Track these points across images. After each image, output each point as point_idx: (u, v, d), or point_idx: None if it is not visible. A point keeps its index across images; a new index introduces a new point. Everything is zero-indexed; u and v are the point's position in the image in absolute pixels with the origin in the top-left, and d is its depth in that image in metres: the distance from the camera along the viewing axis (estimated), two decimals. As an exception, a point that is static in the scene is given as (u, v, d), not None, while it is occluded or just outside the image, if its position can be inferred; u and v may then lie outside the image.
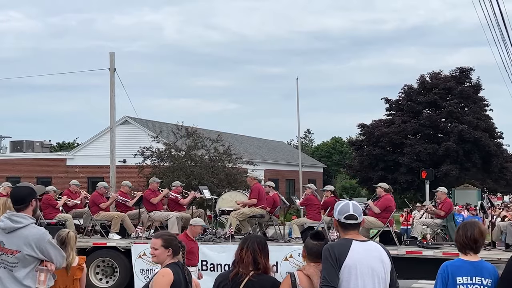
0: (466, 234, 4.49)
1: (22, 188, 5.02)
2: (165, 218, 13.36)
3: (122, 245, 12.73)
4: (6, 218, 4.78)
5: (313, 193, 13.19)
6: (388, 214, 11.99)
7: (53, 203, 13.43)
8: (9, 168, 38.28)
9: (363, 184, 38.80)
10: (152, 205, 13.50)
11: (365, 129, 36.87)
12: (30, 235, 4.71)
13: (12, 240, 4.69)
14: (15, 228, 4.70)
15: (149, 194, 13.65)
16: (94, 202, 13.55)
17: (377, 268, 3.98)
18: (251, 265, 4.37)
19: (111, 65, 22.56)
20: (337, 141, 69.14)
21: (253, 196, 12.91)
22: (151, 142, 26.62)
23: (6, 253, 4.70)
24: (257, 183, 13.39)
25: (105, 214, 13.45)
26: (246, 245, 4.47)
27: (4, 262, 4.71)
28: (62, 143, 59.12)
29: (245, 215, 12.88)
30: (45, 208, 13.31)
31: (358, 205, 4.11)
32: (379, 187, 12.41)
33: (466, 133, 33.06)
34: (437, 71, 36.83)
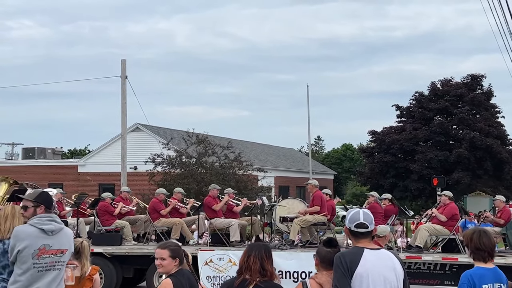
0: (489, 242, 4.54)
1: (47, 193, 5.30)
2: (227, 225, 13.20)
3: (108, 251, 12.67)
4: (49, 220, 4.88)
5: (376, 201, 13.26)
6: (454, 222, 12.18)
7: (110, 210, 13.44)
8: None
9: (373, 191, 38.63)
10: (213, 212, 13.30)
11: (376, 136, 36.75)
12: (71, 234, 5.09)
13: (60, 240, 4.88)
14: (61, 228, 4.93)
15: (211, 201, 13.43)
16: (154, 208, 13.42)
17: (390, 276, 3.96)
18: (258, 273, 4.39)
19: (122, 73, 22.71)
20: (348, 148, 69.00)
21: (315, 204, 12.82)
22: (162, 149, 26.71)
23: (55, 254, 4.82)
24: (318, 191, 13.26)
25: (166, 221, 13.34)
26: (253, 253, 4.48)
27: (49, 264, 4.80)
28: (73, 150, 59.47)
29: (308, 222, 12.81)
30: (102, 215, 13.35)
31: (369, 214, 4.10)
32: (444, 195, 12.54)
33: (478, 140, 32.87)
34: (448, 78, 36.70)
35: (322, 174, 48.67)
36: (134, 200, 14.63)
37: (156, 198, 13.69)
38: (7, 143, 52.42)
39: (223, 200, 13.54)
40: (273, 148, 49.78)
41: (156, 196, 13.80)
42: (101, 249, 12.63)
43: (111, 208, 13.51)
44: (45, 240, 4.78)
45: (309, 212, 12.89)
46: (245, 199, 14.58)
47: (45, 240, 4.79)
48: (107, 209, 13.47)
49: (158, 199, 13.64)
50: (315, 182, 13.41)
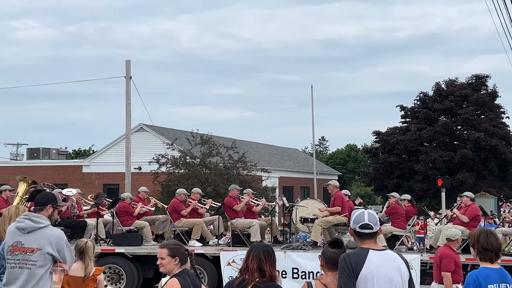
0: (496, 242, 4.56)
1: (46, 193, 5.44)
2: (248, 226, 13.19)
3: (130, 251, 12.69)
4: (25, 219, 5.00)
5: (398, 201, 13.23)
6: (477, 223, 12.21)
7: (130, 210, 13.44)
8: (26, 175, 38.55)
9: (378, 191, 38.59)
10: (234, 212, 13.26)
11: (380, 137, 36.71)
12: (52, 234, 5.00)
13: (32, 239, 4.92)
14: (36, 227, 4.93)
15: (231, 201, 13.39)
16: (175, 209, 13.39)
17: (395, 277, 3.95)
18: (256, 273, 4.39)
19: (127, 73, 22.74)
20: (352, 149, 68.92)
21: (337, 204, 12.84)
22: (166, 150, 26.74)
23: (25, 251, 4.90)
24: (339, 191, 13.29)
25: (187, 221, 13.31)
26: (252, 253, 4.50)
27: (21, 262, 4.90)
28: (78, 150, 59.55)
29: (329, 223, 12.81)
30: (122, 215, 13.36)
31: (374, 214, 4.09)
32: (465, 196, 12.55)
33: (482, 140, 32.79)
34: (453, 79, 36.65)
35: (326, 174, 48.61)
36: (152, 200, 14.59)
37: (177, 198, 13.63)
38: (11, 144, 52.55)
39: (244, 200, 13.48)
40: (277, 148, 49.76)
41: (177, 196, 13.73)
42: (122, 249, 12.67)
43: (130, 208, 13.48)
44: (18, 237, 4.93)
45: (330, 212, 12.90)
46: (264, 200, 14.56)
47: (19, 237, 4.93)
48: (126, 209, 13.44)
49: (179, 199, 13.58)
50: (335, 183, 13.42)
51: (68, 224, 13.30)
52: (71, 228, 13.29)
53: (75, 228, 13.26)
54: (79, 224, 13.32)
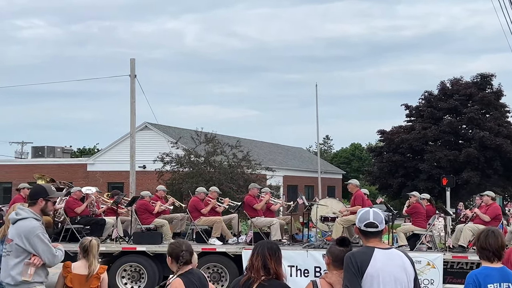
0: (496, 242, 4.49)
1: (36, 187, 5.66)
2: (268, 224, 13.14)
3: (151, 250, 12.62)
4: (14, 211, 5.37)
5: (418, 200, 13.24)
6: (497, 222, 12.19)
7: (149, 209, 13.39)
8: (31, 173, 38.58)
9: (382, 190, 38.54)
10: (254, 211, 13.24)
11: (385, 136, 36.64)
12: (22, 227, 5.18)
13: (11, 230, 5.22)
14: (16, 219, 5.21)
15: (252, 200, 13.35)
16: (195, 207, 13.35)
17: (400, 276, 3.93)
18: (261, 270, 4.37)
19: (131, 72, 22.76)
20: (357, 148, 68.84)
21: (357, 203, 12.84)
22: (170, 148, 26.76)
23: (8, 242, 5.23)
24: (359, 190, 13.31)
25: (207, 219, 13.27)
26: (256, 251, 4.48)
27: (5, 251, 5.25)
28: (82, 149, 59.67)
29: (350, 222, 12.75)
30: (142, 214, 13.31)
31: (379, 213, 4.07)
32: (487, 196, 12.57)
33: (487, 139, 32.70)
34: (458, 77, 36.54)
35: (330, 173, 48.58)
36: (170, 199, 14.54)
37: (196, 197, 13.59)
38: (16, 142, 52.73)
39: (264, 199, 13.45)
40: (282, 147, 49.74)
41: (196, 194, 13.69)
42: (144, 247, 12.61)
43: (150, 206, 13.43)
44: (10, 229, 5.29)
45: (350, 211, 12.88)
46: (282, 198, 14.53)
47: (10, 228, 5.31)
48: (146, 207, 13.38)
49: (199, 198, 13.54)
50: (356, 182, 13.45)
51: (87, 222, 13.26)
52: (90, 226, 13.26)
53: (94, 226, 13.21)
54: (98, 222, 13.27)
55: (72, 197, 13.35)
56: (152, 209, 13.41)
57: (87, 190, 13.68)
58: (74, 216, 13.09)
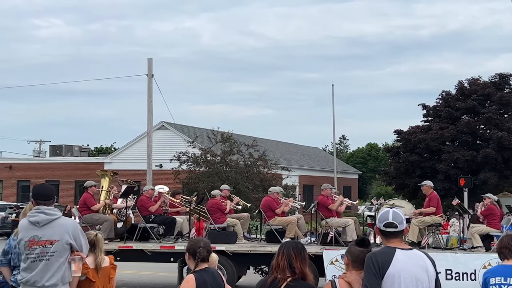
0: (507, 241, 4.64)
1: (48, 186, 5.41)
2: (343, 225, 12.94)
3: (230, 249, 12.46)
4: (38, 212, 5.05)
5: (493, 202, 13.12)
6: None
7: (222, 208, 13.31)
8: (49, 172, 39.10)
9: (399, 191, 38.35)
10: (328, 211, 13.09)
11: (402, 135, 36.44)
12: (68, 224, 5.08)
13: (49, 231, 4.97)
14: (50, 219, 5.00)
15: (326, 200, 13.19)
16: (269, 207, 13.16)
17: (422, 277, 3.91)
18: (287, 270, 4.33)
19: (148, 71, 22.87)
20: (373, 148, 68.60)
21: (432, 204, 12.82)
22: (187, 147, 26.87)
23: (43, 244, 4.96)
24: (434, 192, 13.24)
25: (281, 219, 13.11)
26: (282, 251, 4.45)
27: (40, 255, 4.96)
28: (100, 148, 60.14)
29: (426, 223, 12.75)
30: (214, 213, 13.19)
31: (399, 213, 4.04)
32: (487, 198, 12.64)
33: (506, 140, 32.40)
34: (475, 77, 36.24)
35: (346, 173, 48.42)
36: (235, 199, 14.48)
37: (270, 197, 13.39)
38: (35, 141, 53.28)
39: (339, 200, 13.34)
40: (298, 147, 49.69)
41: (270, 194, 13.50)
42: (222, 247, 12.43)
43: (222, 205, 13.34)
44: (34, 232, 4.98)
45: (425, 213, 12.85)
46: (347, 199, 14.40)
47: (35, 231, 4.98)
48: (219, 206, 13.26)
49: (272, 198, 13.34)
50: (430, 183, 13.37)
51: (162, 221, 13.19)
52: (165, 225, 13.19)
53: (168, 225, 13.14)
54: (172, 221, 13.21)
55: (145, 195, 13.22)
56: (224, 209, 13.30)
57: (160, 188, 13.61)
58: (148, 215, 12.96)
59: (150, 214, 12.98)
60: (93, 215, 12.57)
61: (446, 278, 11.53)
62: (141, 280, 14.65)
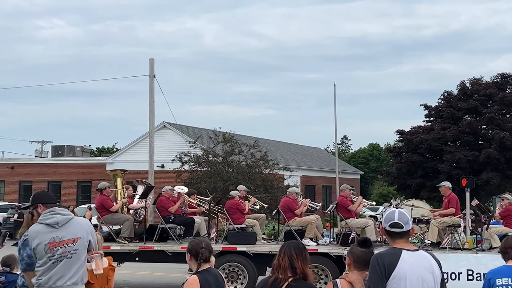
0: None
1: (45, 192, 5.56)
2: (363, 226, 12.92)
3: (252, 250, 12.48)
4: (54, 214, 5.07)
5: (511, 203, 13.12)
6: None
7: (241, 208, 13.32)
8: (51, 172, 39.12)
9: (401, 191, 38.33)
10: (348, 212, 13.10)
11: (404, 136, 36.43)
12: (85, 223, 5.23)
13: (70, 230, 5.03)
14: (67, 219, 5.07)
15: (346, 201, 13.22)
16: (289, 208, 13.15)
17: (428, 279, 3.90)
18: (288, 270, 4.34)
19: (150, 72, 22.86)
20: (375, 148, 68.54)
21: (451, 205, 12.85)
22: (189, 148, 26.86)
23: (66, 244, 4.99)
24: (452, 193, 13.26)
25: (301, 220, 13.10)
26: (283, 251, 4.46)
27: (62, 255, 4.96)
28: (102, 148, 60.15)
29: (445, 224, 12.78)
30: (233, 213, 13.16)
31: (405, 213, 4.03)
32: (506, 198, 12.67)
33: (508, 140, 32.37)
34: (477, 77, 36.22)
35: (348, 174, 48.40)
36: (252, 199, 14.46)
37: (289, 197, 13.38)
38: (37, 141, 53.28)
39: (358, 201, 13.34)
40: (299, 147, 49.68)
41: (289, 195, 13.48)
42: (244, 247, 12.45)
43: (241, 206, 13.34)
44: (53, 233, 4.98)
45: (444, 214, 12.87)
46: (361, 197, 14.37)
47: (54, 233, 4.98)
48: (238, 207, 13.26)
49: (291, 198, 13.34)
50: (449, 184, 13.40)
51: (182, 222, 13.20)
52: (185, 226, 13.19)
53: (188, 226, 13.15)
54: (191, 222, 13.22)
55: (164, 196, 13.23)
56: (243, 209, 13.29)
57: (179, 189, 13.59)
58: (168, 215, 12.98)
59: (170, 215, 12.97)
60: (113, 215, 12.61)
61: (467, 279, 11.57)
62: (144, 280, 14.64)
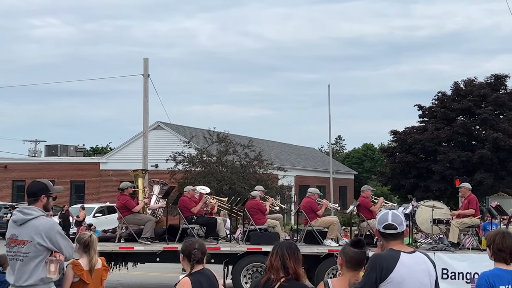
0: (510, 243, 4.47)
1: (36, 183, 5.28)
2: None
3: None
4: (17, 211, 5.08)
5: None
6: None
7: (262, 209, 13.23)
8: (44, 172, 38.94)
9: (395, 191, 38.42)
10: (370, 213, 13.10)
11: (398, 136, 36.53)
12: (40, 225, 4.98)
13: (24, 231, 4.96)
14: (26, 219, 4.98)
15: (367, 202, 13.23)
16: (311, 208, 13.07)
17: (424, 281, 3.91)
18: (281, 271, 4.33)
19: (144, 71, 22.86)
20: (369, 148, 68.66)
21: (471, 206, 12.91)
22: (183, 148, 26.84)
23: (18, 244, 4.96)
24: (472, 194, 13.31)
25: (323, 220, 13.06)
26: (275, 251, 4.45)
27: (17, 254, 4.95)
28: (95, 148, 60.03)
29: (465, 224, 12.83)
30: (255, 214, 13.11)
31: (398, 214, 4.04)
32: None
33: (501, 140, 32.50)
34: (471, 78, 36.35)
35: (342, 174, 48.46)
36: (270, 200, 14.40)
37: (310, 198, 13.29)
38: (30, 140, 53.10)
39: (379, 202, 13.38)
40: (294, 147, 49.70)
41: (310, 195, 13.38)
42: (268, 248, 12.03)
43: (263, 206, 13.27)
44: (14, 230, 5.01)
45: (464, 214, 12.94)
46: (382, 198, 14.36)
47: (14, 229, 5.01)
48: (259, 207, 13.18)
49: (313, 199, 13.25)
50: (468, 186, 13.43)
51: (205, 222, 13.13)
52: (208, 226, 13.12)
53: (211, 226, 13.08)
54: (214, 223, 13.15)
55: (186, 196, 13.18)
56: (264, 209, 13.22)
57: (201, 189, 13.59)
58: (190, 216, 12.94)
59: (192, 215, 12.93)
60: (135, 215, 12.59)
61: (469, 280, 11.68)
62: (137, 280, 14.62)
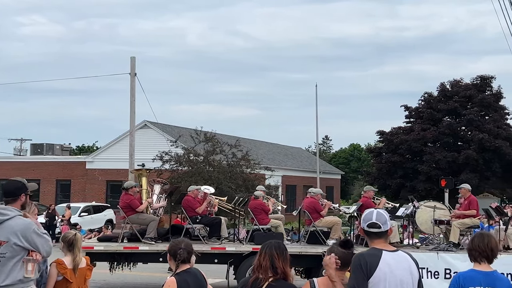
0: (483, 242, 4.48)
1: (13, 182, 5.22)
2: None
3: None
4: None
5: None
6: None
7: (266, 209, 13.18)
8: (30, 171, 38.66)
9: (381, 191, 38.60)
10: None
11: (384, 136, 36.72)
12: (16, 226, 4.90)
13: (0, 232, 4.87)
14: (2, 220, 4.89)
15: (370, 202, 13.26)
16: (315, 208, 13.01)
17: (406, 280, 3.93)
18: (269, 270, 4.34)
19: (131, 70, 22.78)
20: (356, 148, 68.96)
21: (472, 207, 12.99)
22: (170, 147, 26.77)
23: None
24: (472, 195, 13.36)
25: (326, 221, 13.02)
26: (264, 251, 4.46)
27: None
28: (82, 147, 59.72)
29: (466, 225, 12.89)
30: (258, 214, 13.03)
31: (383, 213, 4.05)
32: None
33: (487, 141, 32.77)
34: (457, 79, 36.62)
35: (329, 174, 48.60)
36: (271, 200, 14.39)
37: (313, 198, 13.25)
38: (16, 139, 52.72)
39: (382, 202, 13.45)
40: (281, 147, 49.75)
41: (314, 196, 13.36)
42: None
43: (266, 206, 13.24)
44: None
45: (465, 215, 13.00)
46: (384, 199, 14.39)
47: None
48: (263, 207, 13.15)
49: (316, 199, 13.21)
50: (468, 187, 13.52)
51: (209, 222, 13.06)
52: (212, 226, 13.04)
53: (215, 227, 13.00)
54: (219, 223, 13.07)
55: (190, 195, 13.07)
56: (268, 210, 13.19)
57: (205, 189, 13.47)
58: (195, 216, 12.84)
59: (197, 215, 12.86)
60: (139, 215, 12.49)
61: None
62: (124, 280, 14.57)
